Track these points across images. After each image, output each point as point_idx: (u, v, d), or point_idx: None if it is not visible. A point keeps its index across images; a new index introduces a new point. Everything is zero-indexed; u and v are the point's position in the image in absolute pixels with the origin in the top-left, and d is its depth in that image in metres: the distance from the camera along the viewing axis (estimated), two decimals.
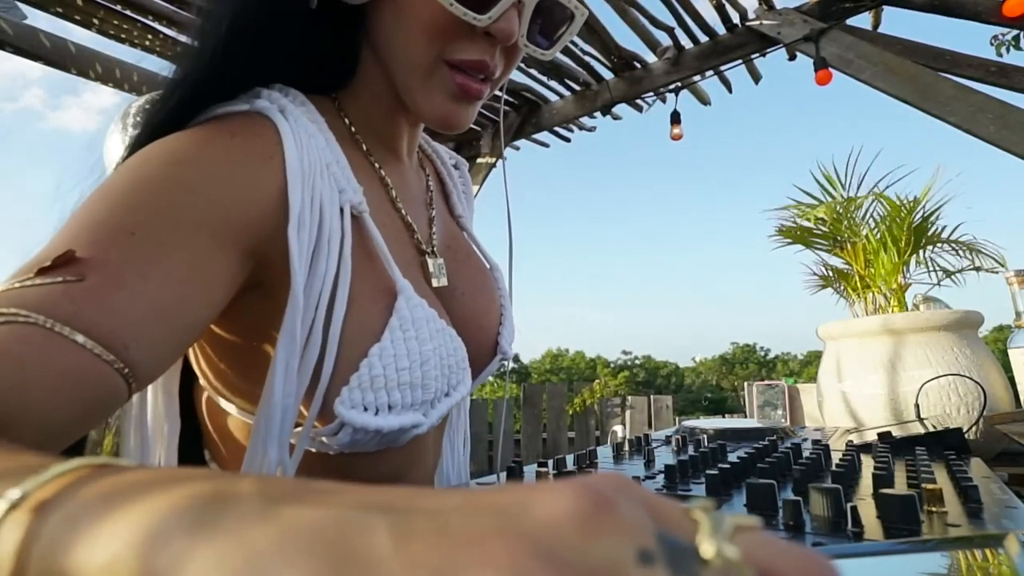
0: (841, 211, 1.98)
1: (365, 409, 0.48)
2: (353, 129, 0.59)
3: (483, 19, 0.49)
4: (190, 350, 0.56)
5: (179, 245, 0.40)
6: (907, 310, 1.81)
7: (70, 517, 0.17)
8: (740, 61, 2.62)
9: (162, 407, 0.57)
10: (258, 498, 0.15)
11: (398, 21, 0.52)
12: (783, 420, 2.77)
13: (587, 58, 2.72)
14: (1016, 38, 2.39)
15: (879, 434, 0.81)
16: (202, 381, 0.56)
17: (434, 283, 0.60)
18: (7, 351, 0.32)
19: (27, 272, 0.35)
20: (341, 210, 0.51)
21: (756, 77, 2.81)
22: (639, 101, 2.91)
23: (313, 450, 0.51)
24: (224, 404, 0.55)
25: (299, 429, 0.49)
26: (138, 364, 0.37)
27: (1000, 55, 2.37)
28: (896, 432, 0.86)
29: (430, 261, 0.60)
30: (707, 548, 0.13)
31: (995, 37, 2.43)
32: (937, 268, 1.91)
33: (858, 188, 2.02)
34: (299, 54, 0.55)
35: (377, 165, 0.60)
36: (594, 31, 2.47)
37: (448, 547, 0.12)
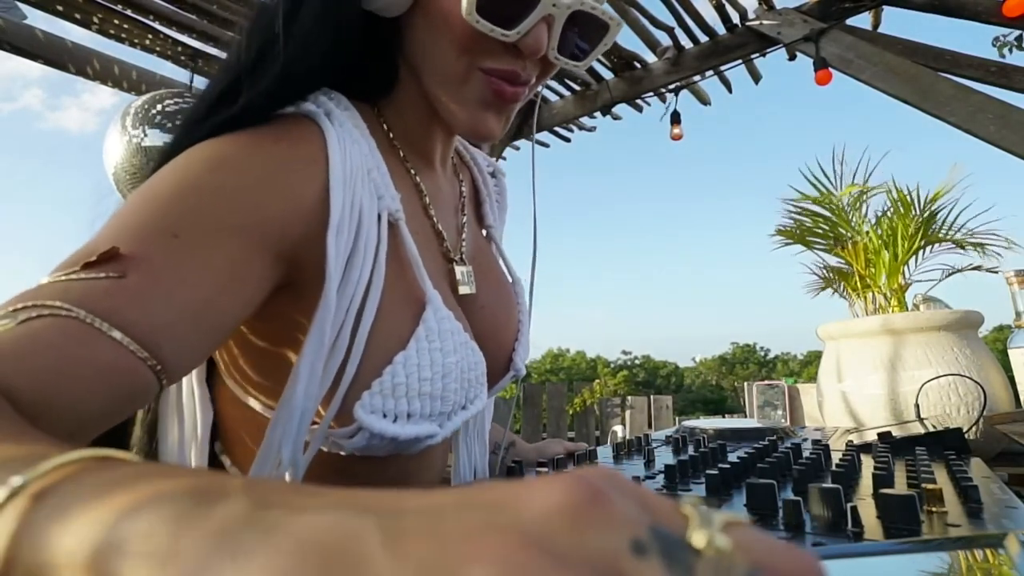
0: (846, 203, 1.96)
1: (384, 415, 0.49)
2: (391, 135, 0.59)
3: (511, 34, 0.49)
4: None
5: (218, 249, 0.41)
6: (907, 310, 1.81)
7: (61, 506, 0.18)
8: (740, 61, 2.62)
9: (197, 399, 0.57)
10: (245, 500, 0.15)
11: (430, 34, 0.53)
12: (783, 420, 2.77)
13: None
14: (1019, 38, 2.39)
15: (879, 434, 0.81)
16: (226, 376, 0.56)
17: (461, 290, 0.60)
18: (49, 342, 0.33)
19: (73, 265, 0.37)
20: (379, 217, 0.51)
21: (756, 77, 2.81)
22: (639, 101, 2.91)
23: (325, 449, 0.51)
24: (247, 399, 0.55)
25: (314, 427, 0.49)
26: (170, 361, 0.38)
27: (1003, 56, 2.36)
28: (896, 432, 0.86)
29: (458, 269, 0.61)
30: (699, 539, 0.13)
31: (997, 39, 2.42)
32: (946, 268, 1.89)
33: (866, 180, 1.99)
34: (344, 65, 0.56)
35: (413, 172, 0.60)
36: None
37: (439, 544, 0.12)
